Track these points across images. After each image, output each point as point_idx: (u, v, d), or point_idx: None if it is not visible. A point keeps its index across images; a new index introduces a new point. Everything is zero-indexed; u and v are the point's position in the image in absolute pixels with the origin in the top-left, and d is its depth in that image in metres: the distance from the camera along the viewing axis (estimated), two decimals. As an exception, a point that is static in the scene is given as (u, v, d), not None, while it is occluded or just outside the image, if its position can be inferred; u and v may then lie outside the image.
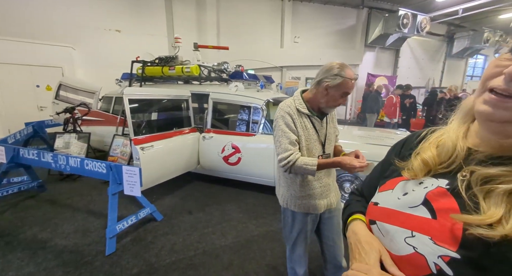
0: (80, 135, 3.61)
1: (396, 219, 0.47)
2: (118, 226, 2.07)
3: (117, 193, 2.11)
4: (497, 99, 0.36)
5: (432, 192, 0.45)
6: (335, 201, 1.31)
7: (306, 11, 8.30)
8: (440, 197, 0.43)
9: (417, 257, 0.41)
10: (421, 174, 0.48)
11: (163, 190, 3.09)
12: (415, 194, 0.47)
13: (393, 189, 0.52)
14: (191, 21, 7.04)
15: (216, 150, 3.09)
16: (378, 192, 0.57)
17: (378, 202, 0.54)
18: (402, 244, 0.44)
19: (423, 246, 0.41)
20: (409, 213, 0.46)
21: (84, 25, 5.82)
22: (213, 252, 2.03)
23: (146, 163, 2.40)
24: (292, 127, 1.17)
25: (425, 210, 0.44)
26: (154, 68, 3.67)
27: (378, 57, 9.95)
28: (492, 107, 0.37)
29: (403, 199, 0.48)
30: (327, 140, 1.24)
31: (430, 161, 0.47)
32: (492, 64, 0.39)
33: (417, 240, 0.42)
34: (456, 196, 0.41)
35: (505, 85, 0.35)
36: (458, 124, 0.48)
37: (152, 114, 3.35)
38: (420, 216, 0.44)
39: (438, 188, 0.45)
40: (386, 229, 0.49)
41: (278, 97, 3.45)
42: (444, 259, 0.38)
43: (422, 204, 0.45)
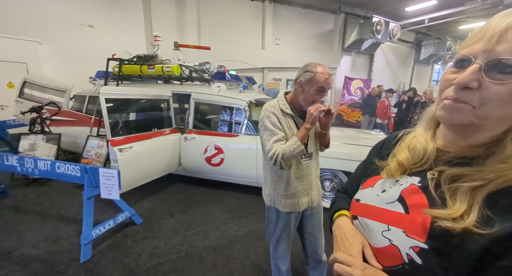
0: (49, 137, 3.36)
1: (375, 214, 0.52)
2: (94, 231, 1.96)
3: (93, 196, 2.01)
4: (451, 104, 0.41)
5: (407, 189, 0.49)
6: (316, 199, 1.35)
7: (287, 14, 8.48)
8: (413, 193, 0.48)
9: (392, 249, 0.46)
10: (397, 174, 0.52)
11: (143, 192, 2.99)
12: (392, 191, 0.51)
13: (373, 187, 0.57)
14: (171, 20, 6.85)
15: (198, 151, 3.05)
16: (360, 189, 0.61)
17: (359, 198, 0.58)
18: (379, 237, 0.49)
19: (397, 238, 0.46)
20: (386, 208, 0.51)
21: (52, 19, 5.41)
22: (196, 254, 2.01)
23: (125, 165, 2.30)
24: (278, 125, 1.20)
25: (400, 206, 0.48)
26: (132, 66, 3.53)
27: (354, 61, 10.44)
28: (448, 113, 0.42)
29: (382, 196, 0.53)
30: (310, 140, 1.28)
31: (404, 162, 0.52)
32: (443, 78, 0.44)
33: (392, 233, 0.47)
34: (426, 193, 0.46)
35: (455, 95, 0.40)
36: (424, 130, 0.54)
37: (130, 115, 3.21)
38: (395, 211, 0.49)
39: (412, 185, 0.49)
40: (366, 224, 0.53)
41: (261, 98, 3.50)
42: (415, 249, 0.42)
43: (397, 200, 0.49)
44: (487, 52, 0.37)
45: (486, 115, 0.38)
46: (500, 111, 0.37)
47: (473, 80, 0.37)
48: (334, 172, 2.71)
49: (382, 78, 11.22)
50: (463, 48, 0.41)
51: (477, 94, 0.38)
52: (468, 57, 0.39)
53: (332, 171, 2.69)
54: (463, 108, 0.40)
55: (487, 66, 0.36)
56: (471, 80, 0.37)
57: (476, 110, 0.39)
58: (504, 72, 0.35)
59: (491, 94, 0.37)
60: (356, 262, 0.48)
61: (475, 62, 0.38)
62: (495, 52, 0.36)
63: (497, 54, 0.35)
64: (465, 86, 0.38)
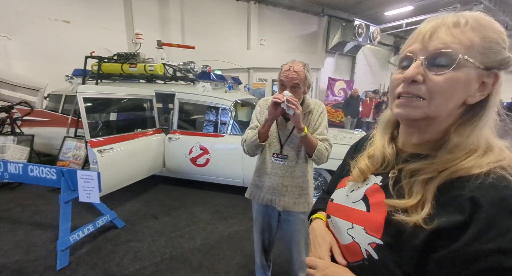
0: (20, 138, 3.16)
1: (343, 213, 0.55)
2: (72, 236, 1.87)
3: (71, 200, 1.91)
4: (404, 101, 0.44)
5: (370, 189, 0.52)
6: (288, 205, 1.27)
7: (272, 15, 8.55)
8: (375, 192, 0.50)
9: (354, 245, 0.49)
10: (360, 180, 0.55)
11: (125, 195, 2.88)
12: (359, 191, 0.54)
13: (345, 187, 0.59)
14: (154, 18, 6.67)
15: (183, 151, 3.00)
16: (336, 189, 0.64)
17: (333, 198, 0.61)
18: (345, 234, 0.52)
19: (358, 235, 0.48)
20: (352, 207, 0.53)
21: (24, 13, 5.07)
22: (181, 256, 1.98)
23: (105, 167, 2.21)
24: (257, 116, 1.33)
25: (363, 204, 0.51)
26: (112, 65, 3.40)
27: (338, 62, 10.74)
28: (403, 108, 0.45)
29: (350, 195, 0.56)
30: (289, 142, 1.25)
31: (365, 169, 0.55)
32: (392, 79, 0.48)
33: (355, 230, 0.50)
34: (385, 191, 0.48)
35: (406, 89, 0.43)
36: (381, 135, 0.56)
37: (111, 115, 3.09)
38: (359, 210, 0.51)
39: (374, 184, 0.52)
40: (336, 222, 0.56)
41: (246, 99, 3.51)
42: (372, 245, 0.45)
43: (362, 199, 0.52)
44: (423, 49, 0.41)
45: (438, 107, 0.42)
46: (447, 100, 0.41)
47: (418, 73, 0.41)
48: (318, 171, 2.78)
49: (363, 79, 11.63)
50: (404, 50, 0.46)
51: (424, 87, 0.41)
52: (409, 56, 0.44)
53: (316, 170, 2.76)
54: (417, 102, 0.43)
55: (427, 61, 0.41)
56: (416, 74, 0.41)
57: (429, 103, 0.42)
58: (441, 64, 0.40)
59: (435, 85, 0.40)
60: (319, 263, 0.51)
61: (416, 59, 0.42)
62: (430, 49, 0.41)
63: (432, 50, 0.40)
64: (411, 79, 0.42)
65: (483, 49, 0.38)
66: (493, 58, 0.39)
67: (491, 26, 0.39)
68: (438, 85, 0.40)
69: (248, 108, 4.04)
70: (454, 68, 0.39)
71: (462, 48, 0.38)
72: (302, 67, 1.18)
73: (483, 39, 0.38)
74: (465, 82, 0.39)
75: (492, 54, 0.39)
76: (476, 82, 0.40)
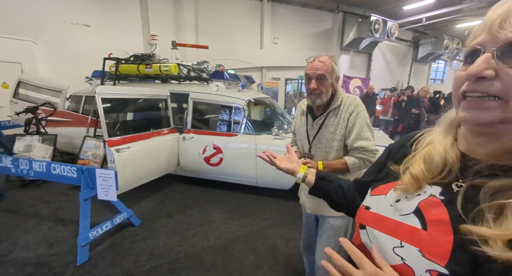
0: (44, 138, 3.32)
1: (387, 226, 0.46)
2: (91, 233, 1.93)
3: (90, 198, 1.97)
4: (472, 102, 0.37)
5: (425, 201, 0.43)
6: (316, 207, 1.24)
7: (285, 13, 8.45)
8: (433, 207, 0.42)
9: (404, 269, 0.40)
10: (413, 189, 0.45)
11: (141, 193, 2.95)
12: (408, 201, 0.45)
13: (386, 195, 0.50)
14: (168, 19, 6.80)
15: (197, 151, 3.02)
16: (370, 195, 0.55)
17: (370, 206, 0.52)
18: (390, 253, 0.43)
19: (411, 257, 0.40)
20: (399, 221, 0.44)
21: (48, 18, 5.35)
22: (195, 255, 1.98)
23: (122, 166, 2.27)
24: (296, 119, 1.37)
25: (416, 220, 0.42)
26: (129, 66, 3.49)
27: (353, 60, 10.44)
28: (472, 111, 0.37)
29: (395, 206, 0.47)
30: (315, 142, 1.22)
31: (419, 176, 0.45)
32: (455, 77, 0.40)
33: (406, 251, 0.41)
34: (449, 208, 0.40)
35: (472, 87, 0.36)
36: (443, 136, 0.47)
37: (127, 115, 3.17)
38: (411, 226, 0.42)
39: (431, 197, 0.43)
40: (375, 236, 0.47)
41: (260, 98, 3.47)
42: (432, 274, 0.36)
43: (414, 212, 0.43)
44: (493, 40, 0.34)
45: None
46: None
47: (486, 68, 0.34)
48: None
49: (380, 77, 11.23)
50: (469, 43, 0.38)
51: (498, 83, 0.34)
52: (476, 49, 0.36)
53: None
54: (489, 103, 0.35)
55: (500, 53, 0.33)
56: (484, 69, 0.34)
57: (507, 103, 0.34)
58: None
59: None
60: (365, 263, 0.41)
61: (485, 51, 0.35)
62: (502, 38, 0.33)
63: (504, 39, 0.33)
64: (476, 75, 0.35)
65: None
66: None
67: None
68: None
69: (261, 107, 4.01)
70: None
71: None
72: (329, 57, 1.12)
73: None
74: None
75: None
76: None
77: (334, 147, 1.17)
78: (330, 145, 1.17)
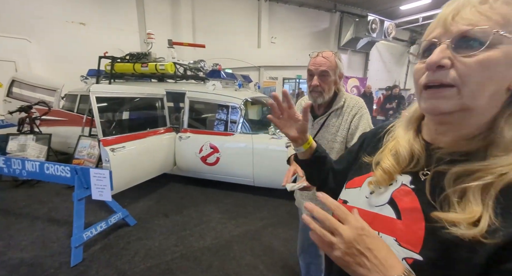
0: (38, 137, 3.27)
1: (364, 219, 0.45)
2: (85, 233, 1.90)
3: (84, 198, 1.95)
4: (431, 92, 0.38)
5: (398, 191, 0.44)
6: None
7: (283, 12, 8.44)
8: (405, 196, 0.43)
9: None
10: (386, 183, 0.47)
11: (137, 193, 2.92)
12: (382, 192, 0.47)
13: (361, 187, 0.51)
14: (165, 17, 6.76)
15: (194, 150, 3.00)
16: (346, 188, 0.56)
17: (347, 200, 0.53)
18: None
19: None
20: (376, 212, 0.46)
21: (42, 16, 5.28)
22: (191, 255, 1.97)
23: (117, 165, 2.24)
24: None
25: (391, 210, 0.43)
26: (124, 65, 3.46)
27: (350, 59, 10.47)
28: (433, 101, 0.39)
29: (371, 198, 0.48)
30: (323, 140, 1.17)
31: (391, 170, 0.46)
32: (414, 70, 0.42)
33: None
34: (419, 196, 0.41)
35: (431, 77, 0.38)
36: (404, 131, 0.49)
37: (123, 114, 3.14)
38: (386, 216, 0.44)
39: (403, 186, 0.44)
40: None
41: (257, 97, 3.46)
42: (408, 261, 0.37)
43: (388, 203, 0.44)
44: (448, 32, 0.37)
45: (474, 95, 0.35)
46: (484, 85, 0.35)
47: (443, 57, 0.36)
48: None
49: (377, 76, 11.28)
50: (425, 38, 0.41)
51: (453, 72, 0.36)
52: (433, 42, 0.39)
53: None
54: (447, 92, 0.37)
55: (454, 44, 0.36)
56: (441, 58, 0.36)
57: (461, 91, 0.36)
58: (470, 45, 0.35)
59: (466, 69, 0.35)
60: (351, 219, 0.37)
61: (440, 43, 0.37)
62: (454, 31, 0.36)
63: (457, 32, 0.35)
64: (436, 64, 0.36)
65: None
66: None
67: None
68: (471, 69, 0.34)
69: (258, 106, 4.00)
70: (488, 47, 0.33)
71: (494, 25, 0.33)
72: (332, 53, 1.07)
73: None
74: (505, 62, 0.34)
75: None
76: None
77: (334, 149, 1.13)
78: (331, 146, 1.13)
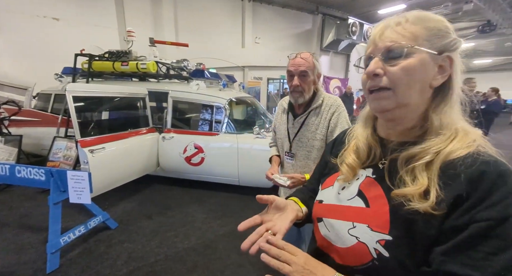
0: (8, 139, 3.07)
1: (339, 213, 0.52)
2: (63, 238, 1.82)
3: (60, 202, 1.86)
4: (374, 94, 0.48)
5: (363, 183, 0.51)
6: None
7: (266, 13, 8.52)
8: (370, 186, 0.49)
9: (360, 246, 0.45)
10: (351, 176, 0.54)
11: (118, 195, 2.83)
12: (351, 187, 0.53)
13: (333, 185, 0.57)
14: (146, 15, 6.57)
15: (178, 151, 2.96)
16: (321, 189, 0.61)
17: (322, 199, 0.58)
18: (346, 236, 0.48)
19: (363, 234, 0.45)
20: (348, 205, 0.51)
21: (10, 10, 4.93)
22: (176, 256, 1.95)
23: (97, 167, 2.16)
24: (276, 117, 1.36)
25: (360, 200, 0.49)
26: (103, 63, 3.33)
27: (332, 61, 10.79)
28: (377, 101, 0.48)
29: (342, 193, 0.53)
30: (296, 141, 1.22)
31: (354, 164, 0.54)
32: (362, 80, 0.51)
33: (358, 230, 0.46)
34: (381, 183, 0.48)
35: (372, 83, 0.47)
36: (362, 128, 0.57)
37: (102, 114, 3.03)
38: (357, 207, 0.49)
39: (367, 178, 0.51)
40: (331, 224, 0.52)
41: (241, 97, 3.48)
42: (381, 243, 0.42)
43: (357, 195, 0.50)
44: (377, 48, 0.47)
45: (404, 94, 0.45)
46: (410, 85, 0.44)
47: (377, 68, 0.46)
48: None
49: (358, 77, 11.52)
50: (364, 54, 0.51)
51: (386, 78, 0.45)
52: (369, 56, 0.49)
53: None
54: (385, 93, 0.46)
55: (383, 56, 0.46)
56: (375, 68, 0.46)
57: (395, 91, 0.45)
58: (393, 57, 0.44)
59: (393, 75, 0.44)
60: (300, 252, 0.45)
61: (374, 56, 0.47)
62: (382, 47, 0.46)
63: (383, 47, 0.46)
64: (372, 73, 0.46)
65: (428, 36, 0.43)
66: (440, 42, 0.43)
67: (429, 18, 0.45)
68: (396, 74, 0.44)
69: (243, 106, 4.02)
70: (405, 57, 0.43)
71: (407, 40, 0.43)
72: (310, 54, 1.13)
73: (426, 28, 0.44)
74: (420, 67, 0.43)
75: (437, 39, 0.43)
76: (433, 66, 0.44)
77: (315, 146, 1.18)
78: (311, 144, 1.18)
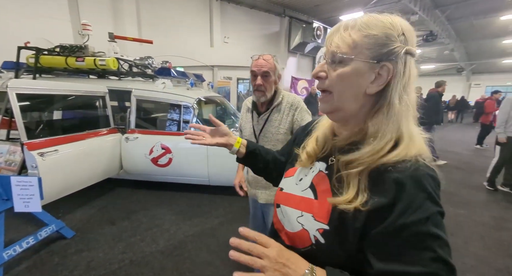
0: None
1: (293, 202, 0.57)
2: (6, 252, 1.63)
3: (3, 211, 1.66)
4: (321, 96, 0.52)
5: (316, 176, 0.55)
6: (271, 198, 1.33)
7: (235, 12, 8.53)
8: (321, 180, 0.53)
9: (303, 233, 0.51)
10: (308, 164, 0.58)
11: (77, 201, 2.62)
12: (306, 178, 0.57)
13: (294, 176, 0.62)
14: (104, 7, 6.08)
15: (143, 152, 2.83)
16: (284, 177, 0.66)
17: (283, 187, 0.63)
18: (295, 223, 0.53)
19: (307, 223, 0.51)
20: (301, 196, 0.55)
21: None
22: (142, 260, 1.88)
23: (48, 171, 1.97)
24: (241, 116, 1.43)
25: (311, 192, 0.54)
26: (54, 58, 3.02)
27: (299, 62, 11.24)
28: (320, 102, 0.53)
29: (299, 184, 0.58)
30: (262, 136, 1.31)
31: (312, 153, 0.58)
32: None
33: (304, 218, 0.52)
34: (330, 179, 0.51)
35: (318, 85, 0.51)
36: (325, 121, 0.60)
37: (54, 114, 2.76)
38: (308, 198, 0.54)
39: (320, 172, 0.55)
40: (286, 211, 0.57)
41: (210, 96, 3.45)
42: (320, 231, 0.48)
43: (309, 187, 0.55)
44: (327, 52, 0.49)
45: (340, 99, 0.48)
46: (344, 91, 0.47)
47: (320, 71, 0.50)
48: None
49: (323, 79, 12.37)
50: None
51: (327, 81, 0.49)
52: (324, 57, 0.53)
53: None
54: (326, 97, 0.50)
55: (329, 60, 0.48)
56: (318, 71, 0.50)
57: (333, 95, 0.49)
58: (335, 62, 0.47)
59: (331, 79, 0.48)
60: (273, 243, 0.43)
61: (325, 59, 0.51)
62: (329, 50, 0.48)
63: (329, 51, 0.48)
64: (315, 75, 0.51)
65: (369, 45, 0.44)
66: (379, 51, 0.44)
67: (377, 25, 0.44)
68: (333, 79, 0.48)
69: (212, 106, 3.99)
70: (343, 64, 0.46)
71: (347, 48, 0.45)
72: (271, 56, 1.24)
73: (368, 37, 0.44)
74: (355, 75, 0.45)
75: (377, 48, 0.44)
76: (370, 74, 0.45)
77: (279, 140, 1.29)
78: (276, 138, 1.29)
